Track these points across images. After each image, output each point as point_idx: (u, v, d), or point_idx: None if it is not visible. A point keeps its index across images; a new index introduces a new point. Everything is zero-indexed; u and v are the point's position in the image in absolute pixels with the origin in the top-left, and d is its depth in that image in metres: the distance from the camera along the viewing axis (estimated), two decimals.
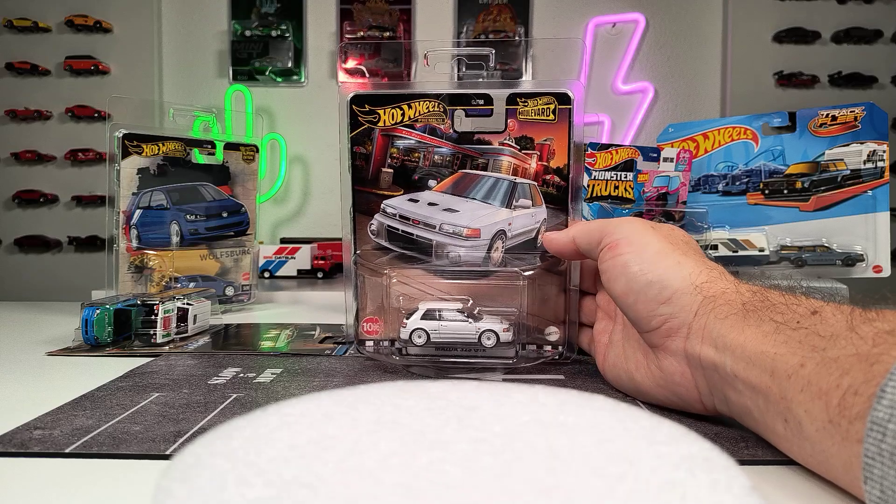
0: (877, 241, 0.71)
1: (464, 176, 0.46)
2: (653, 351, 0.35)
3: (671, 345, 0.34)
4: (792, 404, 0.26)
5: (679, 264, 0.34)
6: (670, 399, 0.35)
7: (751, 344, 0.29)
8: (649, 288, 0.34)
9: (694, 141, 0.80)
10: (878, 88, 1.31)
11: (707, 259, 0.36)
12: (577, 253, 0.42)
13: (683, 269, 0.34)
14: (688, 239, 0.38)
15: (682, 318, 0.33)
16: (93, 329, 0.50)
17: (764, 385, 0.28)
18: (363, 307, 0.46)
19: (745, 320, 0.30)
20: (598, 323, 0.43)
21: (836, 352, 0.25)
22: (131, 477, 0.26)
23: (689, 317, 0.33)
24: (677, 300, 0.33)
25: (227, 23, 1.37)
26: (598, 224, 0.40)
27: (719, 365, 0.30)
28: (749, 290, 0.32)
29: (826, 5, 1.31)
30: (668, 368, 0.34)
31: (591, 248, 0.40)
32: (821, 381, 0.25)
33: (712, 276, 0.33)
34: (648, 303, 0.34)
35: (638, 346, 0.37)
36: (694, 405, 0.34)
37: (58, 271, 1.34)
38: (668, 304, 0.34)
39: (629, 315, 0.37)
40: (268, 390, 0.39)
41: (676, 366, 0.34)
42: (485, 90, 0.45)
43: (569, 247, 0.42)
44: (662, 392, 0.35)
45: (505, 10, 1.36)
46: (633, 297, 0.35)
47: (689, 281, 0.33)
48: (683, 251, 0.36)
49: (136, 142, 0.68)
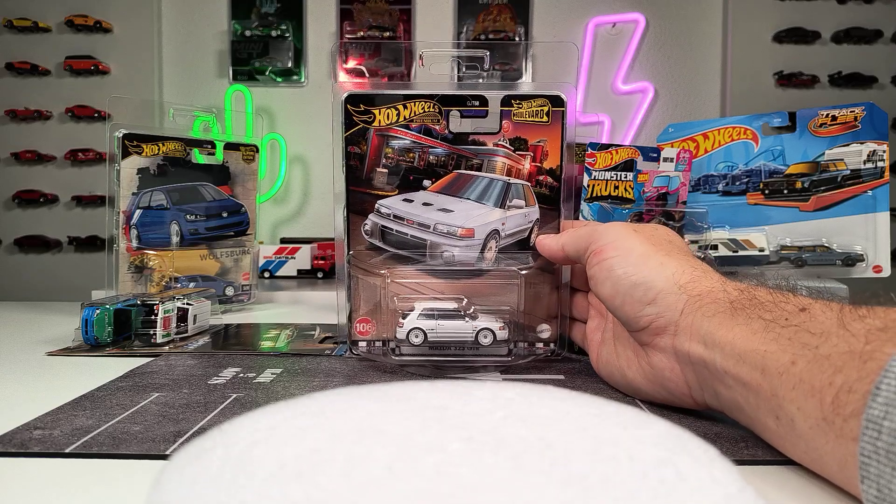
0: (877, 241, 0.71)
1: (458, 176, 0.46)
2: (643, 348, 0.36)
3: (660, 342, 0.34)
4: (783, 401, 0.26)
5: (662, 265, 0.35)
6: (661, 395, 0.35)
7: (740, 341, 0.29)
8: (634, 290, 0.35)
9: (694, 141, 0.80)
10: (878, 88, 1.31)
11: (692, 258, 0.37)
12: (567, 259, 0.43)
13: (667, 270, 0.35)
14: (672, 238, 0.39)
15: (668, 317, 0.34)
16: (93, 329, 0.50)
17: (755, 382, 0.28)
18: (356, 308, 0.46)
19: (734, 318, 0.30)
20: (590, 321, 0.44)
21: (828, 349, 0.25)
22: (131, 477, 0.26)
23: (676, 315, 0.33)
24: (662, 300, 0.34)
25: (227, 23, 1.37)
26: (586, 231, 0.41)
27: (709, 361, 0.31)
28: (736, 289, 0.32)
29: (826, 5, 1.31)
30: (658, 365, 0.35)
31: (580, 255, 0.41)
32: (813, 379, 0.25)
33: (696, 276, 0.34)
34: (634, 304, 0.35)
35: (628, 343, 0.38)
36: (684, 400, 0.34)
37: (58, 271, 1.35)
38: (653, 304, 0.34)
39: (618, 316, 0.37)
40: (268, 390, 0.39)
41: (666, 362, 0.34)
42: (480, 91, 0.45)
43: (559, 254, 0.43)
44: (654, 388, 0.36)
45: (505, 10, 1.36)
46: (620, 299, 0.36)
47: (672, 281, 0.34)
48: (667, 251, 0.37)
49: (136, 142, 0.68)
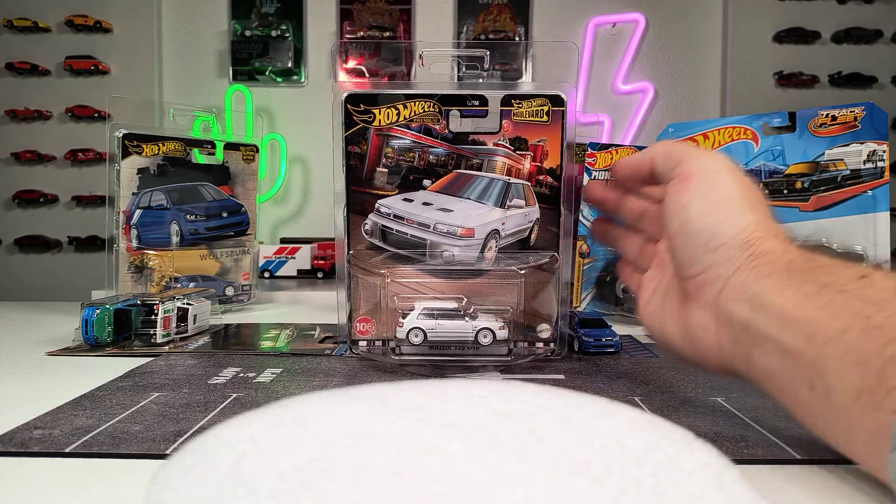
0: (877, 241, 0.70)
1: (458, 176, 0.46)
2: (685, 304, 0.35)
3: (703, 296, 0.33)
4: (825, 370, 0.25)
5: (739, 215, 0.33)
6: (691, 354, 0.35)
7: (790, 305, 0.28)
8: (700, 233, 0.34)
9: (694, 141, 0.80)
10: (878, 88, 1.31)
11: (770, 217, 0.34)
12: (650, 174, 0.40)
13: (741, 221, 0.33)
14: (760, 196, 0.36)
15: (721, 272, 0.32)
16: (93, 329, 0.50)
17: (797, 349, 0.27)
18: (356, 307, 0.46)
19: (788, 279, 0.29)
20: (650, 270, 0.42)
21: (882, 319, 0.24)
22: (131, 477, 0.26)
23: (729, 271, 0.32)
24: (723, 252, 0.32)
25: (227, 23, 1.37)
26: (683, 148, 0.38)
27: (751, 324, 0.30)
28: (796, 250, 0.31)
29: (826, 5, 1.31)
30: (695, 321, 0.34)
31: (666, 172, 0.38)
32: (862, 348, 0.24)
33: (765, 234, 0.32)
34: (696, 248, 0.34)
35: (676, 298, 0.37)
36: (710, 361, 0.33)
37: (58, 271, 1.35)
38: (713, 253, 0.33)
39: (675, 254, 0.36)
40: (268, 390, 0.39)
41: (703, 320, 0.33)
42: (480, 91, 0.45)
43: (645, 166, 0.40)
44: (685, 345, 0.35)
45: (505, 10, 1.36)
46: (684, 238, 0.35)
47: (741, 236, 0.32)
48: (752, 203, 0.34)
49: (136, 142, 0.68)
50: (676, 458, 0.19)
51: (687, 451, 0.19)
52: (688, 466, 0.18)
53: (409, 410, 0.22)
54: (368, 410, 0.22)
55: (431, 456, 0.19)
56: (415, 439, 0.20)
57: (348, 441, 0.20)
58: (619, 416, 0.22)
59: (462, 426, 0.21)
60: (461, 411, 0.22)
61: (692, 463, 0.19)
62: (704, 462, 0.19)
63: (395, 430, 0.20)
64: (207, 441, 0.21)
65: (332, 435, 0.20)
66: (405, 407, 0.22)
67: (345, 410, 0.22)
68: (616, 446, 0.19)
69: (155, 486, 0.19)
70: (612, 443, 0.19)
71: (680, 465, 0.18)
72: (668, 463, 0.18)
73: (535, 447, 0.19)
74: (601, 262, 0.71)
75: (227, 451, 0.19)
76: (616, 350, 0.50)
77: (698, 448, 0.20)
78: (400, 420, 0.21)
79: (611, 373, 0.44)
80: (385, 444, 0.19)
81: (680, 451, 0.19)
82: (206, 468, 0.19)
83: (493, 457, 0.18)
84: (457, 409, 0.22)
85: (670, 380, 0.42)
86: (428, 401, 0.23)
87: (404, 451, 0.19)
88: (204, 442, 0.21)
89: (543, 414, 0.22)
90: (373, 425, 0.21)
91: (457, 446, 0.19)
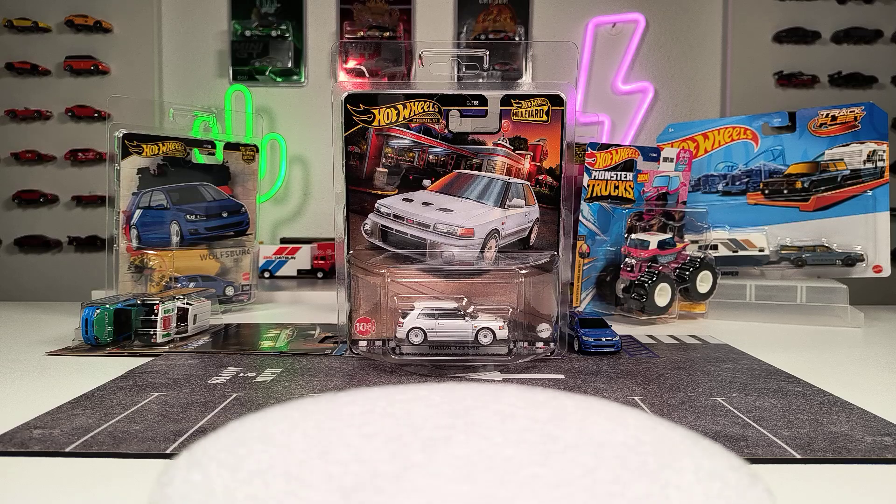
0: (877, 241, 0.71)
1: (458, 176, 0.46)
2: None
3: None
4: None
5: None
6: None
7: None
8: None
9: (694, 141, 0.80)
10: (878, 88, 1.31)
11: None
12: None
13: None
14: None
15: None
16: (93, 329, 0.50)
17: None
18: (356, 307, 0.46)
19: None
20: None
21: None
22: (131, 476, 0.26)
23: None
24: None
25: (227, 23, 1.37)
26: None
27: None
28: None
29: (826, 5, 1.31)
30: None
31: None
32: None
33: None
34: None
35: None
36: None
37: (58, 271, 1.34)
38: None
39: None
40: (268, 390, 0.39)
41: None
42: (479, 91, 0.45)
43: None
44: None
45: (505, 10, 1.36)
46: None
47: None
48: None
49: (136, 142, 0.68)
50: (660, 435, 0.20)
51: (687, 442, 0.20)
52: (692, 464, 0.18)
53: (388, 418, 0.22)
54: (350, 420, 0.22)
55: (433, 461, 0.19)
56: (409, 446, 0.20)
57: (356, 441, 0.20)
58: (598, 411, 0.22)
59: (448, 429, 0.20)
60: (448, 413, 0.22)
61: (697, 457, 0.19)
62: (714, 462, 0.19)
63: (386, 438, 0.20)
64: (214, 439, 0.21)
65: (318, 449, 0.20)
66: (383, 413, 0.22)
67: (322, 421, 0.22)
68: (606, 436, 0.19)
69: (160, 483, 0.19)
70: (606, 437, 0.20)
71: (685, 461, 0.19)
72: (651, 434, 0.19)
73: (539, 446, 0.19)
74: (601, 262, 0.71)
75: (233, 450, 0.19)
76: (616, 350, 0.50)
77: (706, 447, 0.20)
78: (389, 426, 0.21)
79: (611, 373, 0.44)
80: (384, 455, 0.19)
81: (684, 444, 0.20)
82: (212, 467, 0.19)
83: (495, 461, 0.18)
84: (444, 411, 0.22)
85: (670, 380, 0.42)
86: (408, 406, 0.23)
87: (405, 459, 0.19)
88: (211, 441, 0.21)
89: (533, 412, 0.22)
90: (361, 435, 0.20)
91: (456, 452, 0.19)
